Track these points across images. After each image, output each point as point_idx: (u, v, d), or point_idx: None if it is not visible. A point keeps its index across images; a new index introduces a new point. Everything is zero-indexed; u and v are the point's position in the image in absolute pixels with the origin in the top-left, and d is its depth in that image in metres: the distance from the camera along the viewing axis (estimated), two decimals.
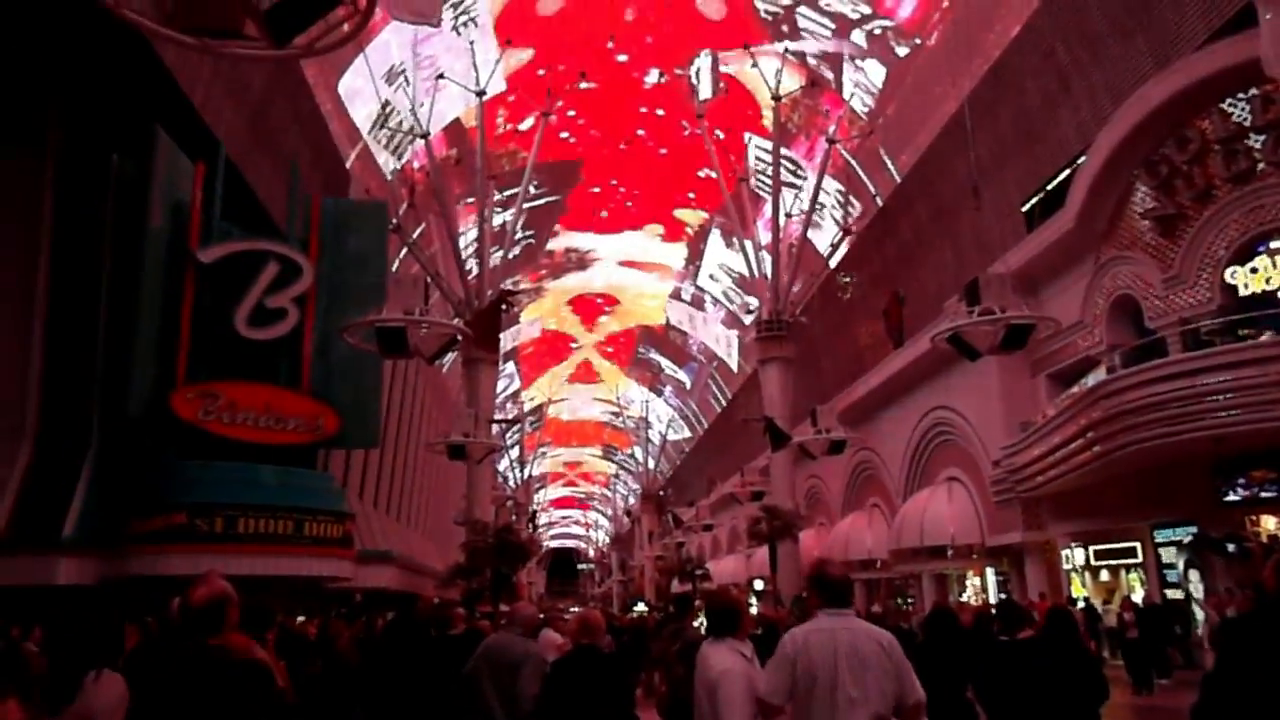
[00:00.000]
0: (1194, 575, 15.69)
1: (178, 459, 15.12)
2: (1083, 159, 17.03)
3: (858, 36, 25.53)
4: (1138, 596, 16.26)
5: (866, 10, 24.73)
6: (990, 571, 22.01)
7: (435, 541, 35.29)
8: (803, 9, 26.30)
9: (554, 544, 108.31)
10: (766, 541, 24.48)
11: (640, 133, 34.45)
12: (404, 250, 25.58)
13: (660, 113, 32.73)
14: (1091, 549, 18.22)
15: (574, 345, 57.77)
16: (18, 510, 13.92)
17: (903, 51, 24.48)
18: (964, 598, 23.32)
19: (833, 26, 26.10)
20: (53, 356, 15.14)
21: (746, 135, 31.26)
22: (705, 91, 29.06)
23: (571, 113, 31.32)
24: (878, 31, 24.87)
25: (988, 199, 20.16)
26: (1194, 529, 15.37)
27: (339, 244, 18.02)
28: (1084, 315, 17.11)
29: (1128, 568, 17.58)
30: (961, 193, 20.90)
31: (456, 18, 25.74)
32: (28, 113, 14.63)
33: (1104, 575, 18.26)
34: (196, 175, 16.05)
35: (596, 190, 38.81)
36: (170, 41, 5.33)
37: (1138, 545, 17.03)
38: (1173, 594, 16.09)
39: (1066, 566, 18.93)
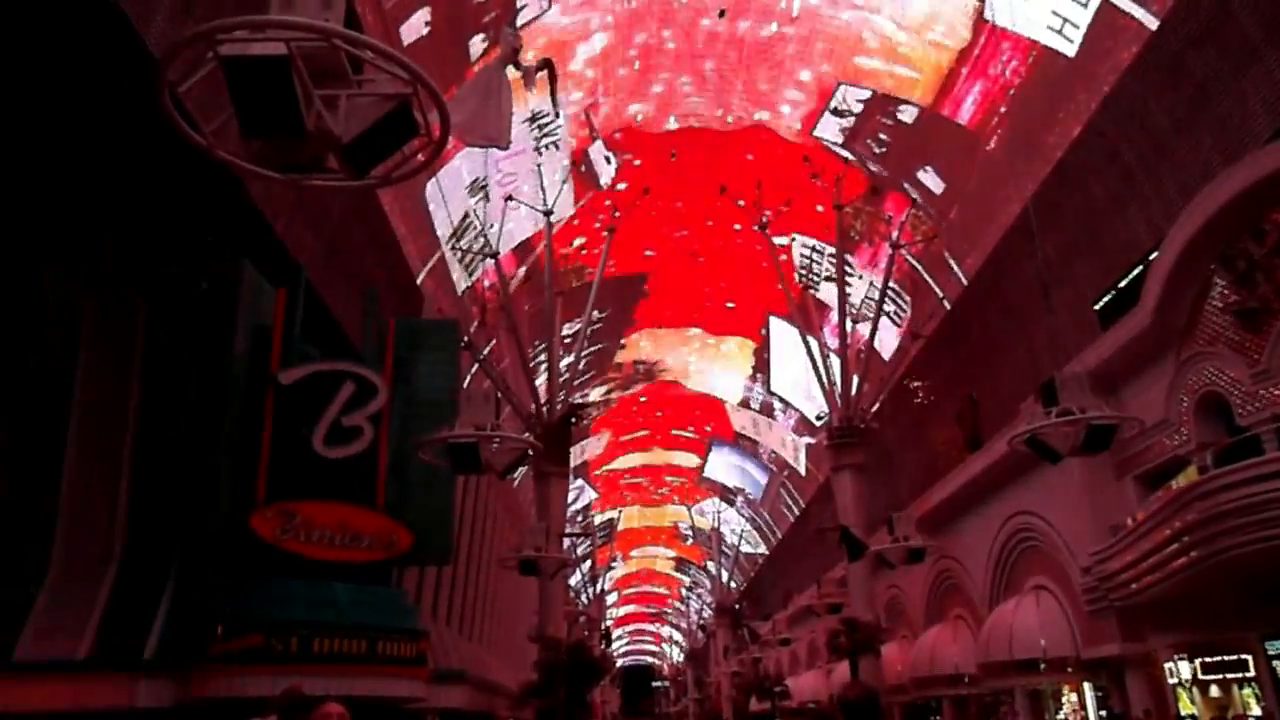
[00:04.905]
0: None
1: (255, 578, 15.28)
2: (1155, 255, 16.77)
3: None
4: (1255, 714, 15.16)
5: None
6: (1088, 687, 20.78)
7: (507, 659, 34.78)
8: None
9: (627, 661, 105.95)
10: (847, 656, 23.59)
11: (695, 243, 35.12)
12: (475, 367, 26.08)
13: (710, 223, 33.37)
14: (1198, 661, 17.10)
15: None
16: (101, 633, 14.13)
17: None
18: (1060, 715, 22.02)
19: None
20: (139, 480, 15.59)
21: (793, 235, 31.64)
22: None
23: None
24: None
25: (1059, 298, 19.90)
26: None
27: (412, 362, 18.48)
28: (1168, 414, 16.53)
29: (1240, 682, 16.42)
30: (1031, 293, 20.67)
31: (540, 139, 26.84)
32: (125, 246, 15.48)
33: (1214, 691, 17.07)
34: (278, 301, 16.71)
35: (661, 301, 39.47)
36: (257, 176, 5.64)
37: (1249, 657, 15.95)
38: None
39: (1172, 681, 17.77)
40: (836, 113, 27.23)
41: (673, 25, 26.03)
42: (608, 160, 28.64)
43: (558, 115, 27.12)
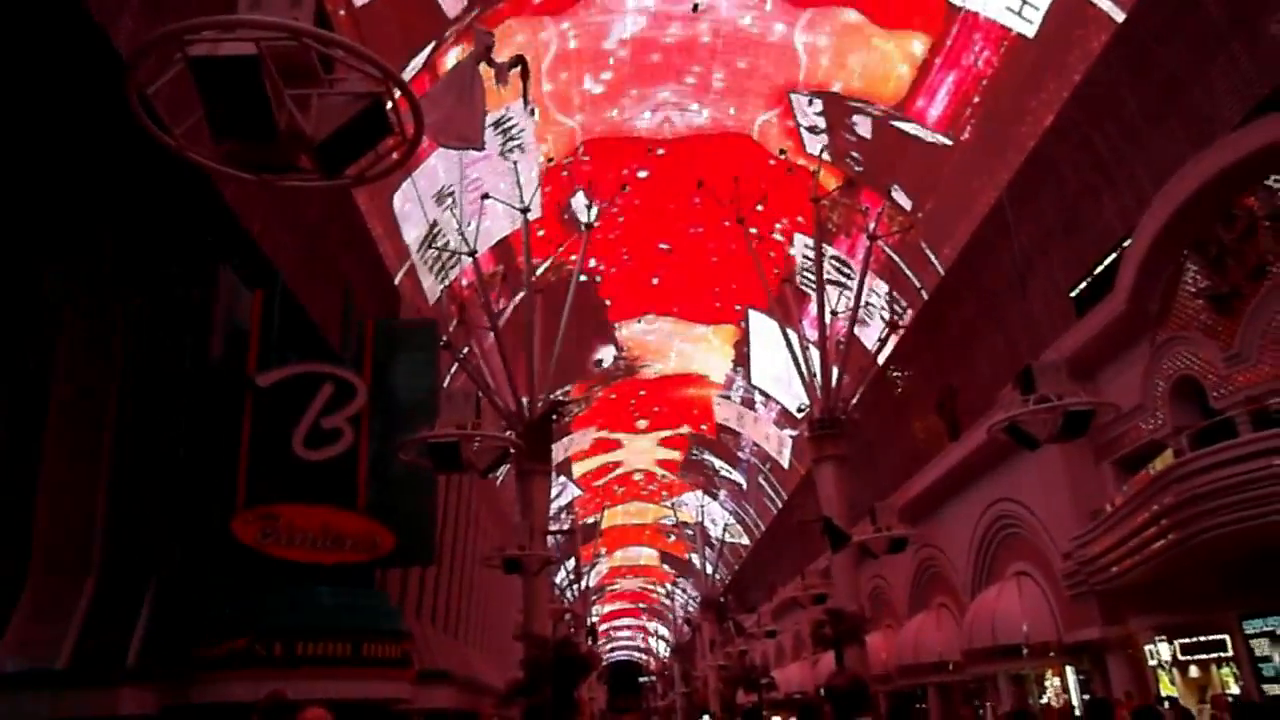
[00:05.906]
0: None
1: (237, 583, 15.18)
2: (1128, 242, 16.93)
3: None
4: (1234, 692, 15.35)
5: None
6: (1070, 671, 21.00)
7: (493, 658, 34.71)
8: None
9: (614, 657, 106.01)
10: (832, 646, 23.69)
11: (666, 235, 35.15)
12: (455, 366, 25.96)
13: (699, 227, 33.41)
14: (1178, 643, 17.32)
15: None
16: (81, 641, 13.99)
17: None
18: (1044, 700, 22.24)
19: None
20: (116, 486, 15.44)
21: (794, 235, 31.80)
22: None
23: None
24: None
25: (1035, 287, 20.07)
26: None
27: (391, 363, 18.37)
28: (1144, 399, 16.71)
29: (1218, 662, 16.63)
30: (1007, 282, 20.83)
31: (504, 144, 26.76)
32: (125, 246, 15.33)
33: (1194, 671, 17.29)
34: (255, 303, 16.59)
35: (641, 296, 39.49)
36: (231, 178, 5.60)
37: (1227, 638, 16.15)
38: (1273, 689, 15.14)
39: (1152, 663, 17.99)
40: (812, 130, 27.42)
41: (650, 24, 26.01)
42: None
43: (532, 113, 27.04)
